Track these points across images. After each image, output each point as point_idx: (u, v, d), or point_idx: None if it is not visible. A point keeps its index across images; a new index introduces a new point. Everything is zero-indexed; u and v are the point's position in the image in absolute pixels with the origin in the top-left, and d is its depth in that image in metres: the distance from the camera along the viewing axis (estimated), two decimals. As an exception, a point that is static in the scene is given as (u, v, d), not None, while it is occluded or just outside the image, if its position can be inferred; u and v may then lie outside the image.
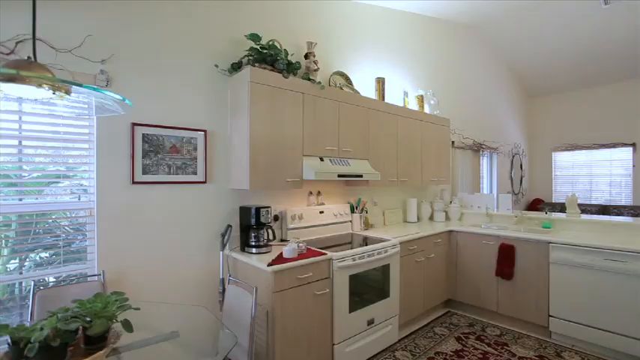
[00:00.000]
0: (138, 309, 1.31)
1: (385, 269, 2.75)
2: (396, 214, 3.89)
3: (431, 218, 4.17)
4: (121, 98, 1.30)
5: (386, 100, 3.58)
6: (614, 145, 6.52)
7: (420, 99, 4.02)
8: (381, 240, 2.83)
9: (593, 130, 6.76)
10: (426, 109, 4.08)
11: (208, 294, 2.43)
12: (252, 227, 2.39)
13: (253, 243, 2.38)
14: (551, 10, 4.63)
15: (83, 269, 1.99)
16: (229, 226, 2.45)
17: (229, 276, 2.13)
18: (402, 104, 3.81)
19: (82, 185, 2.01)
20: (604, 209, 6.23)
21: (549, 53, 5.79)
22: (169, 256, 2.25)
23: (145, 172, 2.13)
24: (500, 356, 2.65)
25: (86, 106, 1.91)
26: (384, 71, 3.82)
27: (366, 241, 2.83)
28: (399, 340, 2.90)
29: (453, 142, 4.81)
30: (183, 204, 2.32)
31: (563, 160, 7.25)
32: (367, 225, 3.41)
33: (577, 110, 6.99)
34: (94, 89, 1.22)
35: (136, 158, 2.09)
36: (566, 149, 7.12)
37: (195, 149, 2.36)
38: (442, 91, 4.65)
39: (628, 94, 6.38)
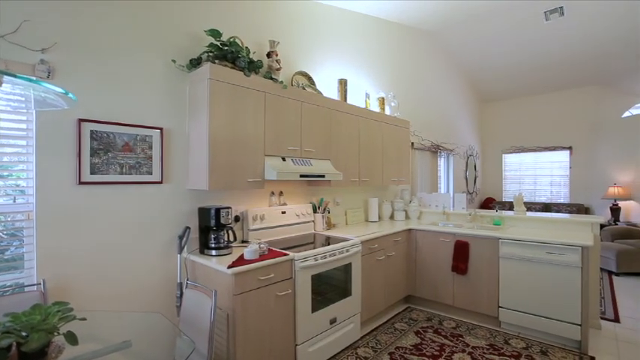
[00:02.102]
0: (84, 319, 1.22)
1: (347, 268, 2.78)
2: (357, 214, 3.96)
3: (392, 217, 4.29)
4: (63, 92, 1.19)
5: (348, 102, 3.64)
6: (554, 148, 7.13)
7: (382, 101, 4.13)
8: (343, 239, 2.87)
9: (537, 134, 7.35)
10: (387, 111, 4.19)
11: (165, 300, 2.32)
12: (211, 229, 2.32)
13: (213, 245, 2.31)
14: (499, 23, 4.96)
15: (19, 279, 1.81)
16: (187, 227, 2.36)
17: (187, 280, 2.05)
18: (363, 106, 3.89)
19: (18, 186, 1.83)
20: (546, 207, 6.79)
21: (499, 62, 6.20)
22: (122, 261, 2.12)
23: (93, 172, 1.99)
24: (456, 347, 2.78)
25: (23, 99, 1.75)
26: (347, 73, 3.87)
27: (328, 240, 2.86)
28: (361, 338, 2.95)
29: (412, 144, 4.99)
30: (138, 205, 2.19)
31: (511, 161, 7.80)
32: (330, 225, 3.43)
33: (523, 115, 7.56)
34: (31, 81, 1.12)
35: (83, 157, 1.94)
36: (514, 151, 7.67)
37: (151, 148, 2.24)
38: (402, 94, 4.81)
39: (566, 101, 7.01)
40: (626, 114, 6.89)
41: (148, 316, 1.80)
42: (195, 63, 2.38)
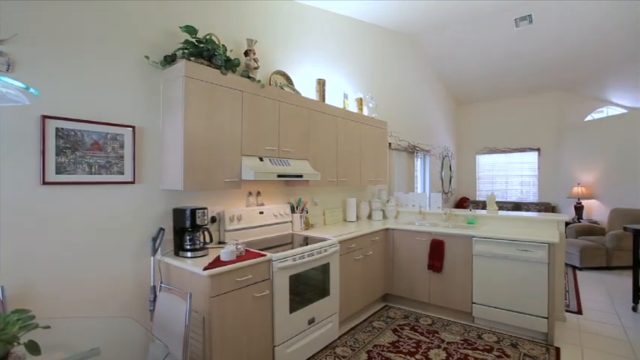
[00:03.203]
0: (48, 327, 1.16)
1: (325, 268, 2.79)
2: (336, 214, 3.98)
3: (369, 217, 4.34)
4: (24, 86, 1.13)
5: (326, 102, 3.65)
6: (524, 150, 7.44)
7: (360, 102, 4.16)
8: (321, 239, 2.87)
9: (508, 136, 7.65)
10: (365, 112, 4.24)
11: (138, 304, 2.24)
12: (187, 230, 2.26)
13: (188, 246, 2.25)
14: (473, 28, 5.12)
15: (-23, 285, 1.70)
16: (161, 229, 2.29)
17: (161, 283, 1.99)
18: (342, 106, 3.91)
19: (-24, 187, 1.71)
20: (517, 206, 7.07)
21: (473, 66, 6.40)
22: (91, 264, 2.03)
23: (59, 172, 1.89)
24: (432, 343, 2.85)
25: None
26: (325, 73, 3.88)
27: (306, 240, 2.85)
28: (340, 337, 2.96)
29: (389, 144, 5.07)
30: (108, 206, 2.11)
31: (484, 162, 8.08)
32: (308, 225, 3.43)
33: (496, 118, 7.85)
34: (-11, 74, 1.05)
35: (47, 156, 1.85)
36: (487, 152, 7.95)
37: (122, 147, 2.16)
38: (380, 95, 4.88)
39: (535, 105, 7.34)
40: (589, 118, 7.30)
41: (119, 322, 1.73)
42: (170, 60, 2.32)
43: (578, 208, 6.34)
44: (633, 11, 4.41)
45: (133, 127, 2.21)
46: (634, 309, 3.53)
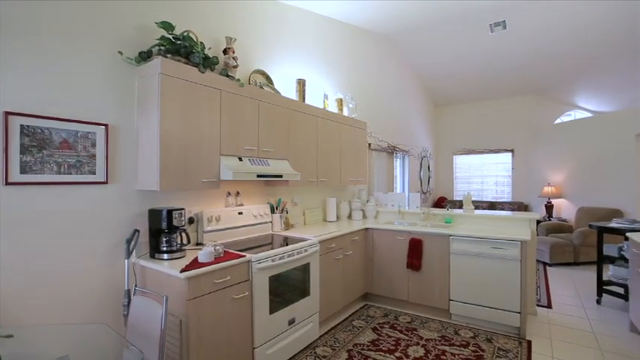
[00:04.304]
0: (10, 336, 1.10)
1: (305, 268, 2.79)
2: (316, 214, 3.98)
3: (349, 217, 4.37)
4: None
5: (306, 102, 3.64)
6: (498, 151, 7.69)
7: (340, 102, 4.18)
8: (301, 239, 2.87)
9: (484, 137, 7.89)
10: (345, 112, 4.26)
11: (111, 309, 2.16)
12: (163, 231, 2.20)
13: (165, 248, 2.20)
14: (450, 32, 5.25)
15: None
16: (136, 230, 2.22)
17: (135, 286, 1.93)
18: (322, 106, 3.92)
19: None
20: (492, 205, 7.30)
21: (450, 69, 6.56)
22: (61, 268, 1.94)
23: (24, 172, 1.80)
24: (410, 340, 2.90)
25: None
26: (306, 73, 3.88)
27: (286, 241, 2.84)
28: (320, 337, 2.97)
29: (369, 145, 5.12)
30: (79, 208, 2.02)
31: (461, 162, 8.29)
32: (288, 225, 3.42)
33: (472, 119, 8.08)
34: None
35: (11, 155, 1.75)
36: (464, 153, 8.17)
37: (94, 146, 2.08)
38: (360, 96, 4.92)
39: (509, 108, 7.60)
40: (558, 121, 7.64)
41: (91, 328, 1.67)
42: (145, 56, 2.25)
43: (549, 207, 6.61)
44: (595, 26, 4.69)
45: (106, 125, 2.13)
46: (598, 302, 3.72)
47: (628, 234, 3.03)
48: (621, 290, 3.60)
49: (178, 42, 2.29)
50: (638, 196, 5.42)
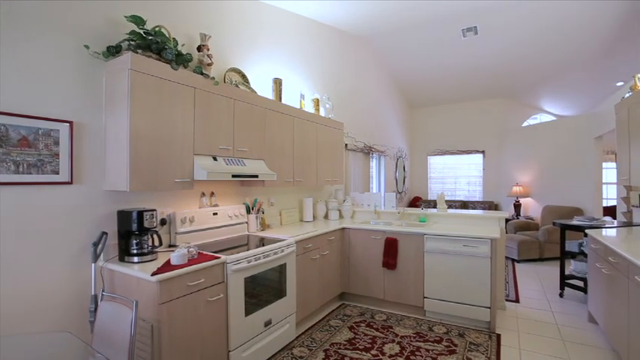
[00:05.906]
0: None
1: (282, 269, 2.77)
2: (292, 214, 3.97)
3: (326, 217, 4.38)
4: None
5: (283, 101, 3.62)
6: (470, 152, 7.96)
7: (316, 102, 4.19)
8: (278, 240, 2.85)
9: (457, 138, 8.14)
10: (322, 113, 4.27)
11: (76, 316, 2.05)
12: (133, 233, 2.12)
13: (135, 251, 2.11)
14: (423, 36, 5.37)
15: None
16: (104, 233, 2.12)
17: (103, 291, 1.84)
18: (298, 106, 3.91)
19: None
20: (464, 204, 7.54)
21: (424, 71, 6.72)
22: (20, 275, 1.82)
23: (-21, 171, 1.68)
24: (386, 338, 2.94)
25: None
26: (282, 72, 3.86)
27: (262, 241, 2.81)
28: (297, 337, 2.95)
29: (346, 145, 5.16)
30: (41, 210, 1.91)
31: (435, 162, 8.52)
32: (264, 226, 3.38)
33: (446, 121, 8.31)
34: None
35: (-36, 153, 1.63)
36: (438, 154, 8.39)
37: (57, 144, 1.97)
38: (337, 96, 4.95)
39: (480, 110, 7.88)
40: (525, 123, 8.01)
41: (54, 337, 1.58)
42: (114, 51, 2.16)
43: (517, 206, 6.91)
44: (560, 32, 4.95)
45: (71, 123, 2.02)
46: (561, 295, 3.93)
47: (587, 231, 3.22)
48: (581, 284, 3.82)
49: (150, 37, 2.21)
50: (597, 195, 5.78)
